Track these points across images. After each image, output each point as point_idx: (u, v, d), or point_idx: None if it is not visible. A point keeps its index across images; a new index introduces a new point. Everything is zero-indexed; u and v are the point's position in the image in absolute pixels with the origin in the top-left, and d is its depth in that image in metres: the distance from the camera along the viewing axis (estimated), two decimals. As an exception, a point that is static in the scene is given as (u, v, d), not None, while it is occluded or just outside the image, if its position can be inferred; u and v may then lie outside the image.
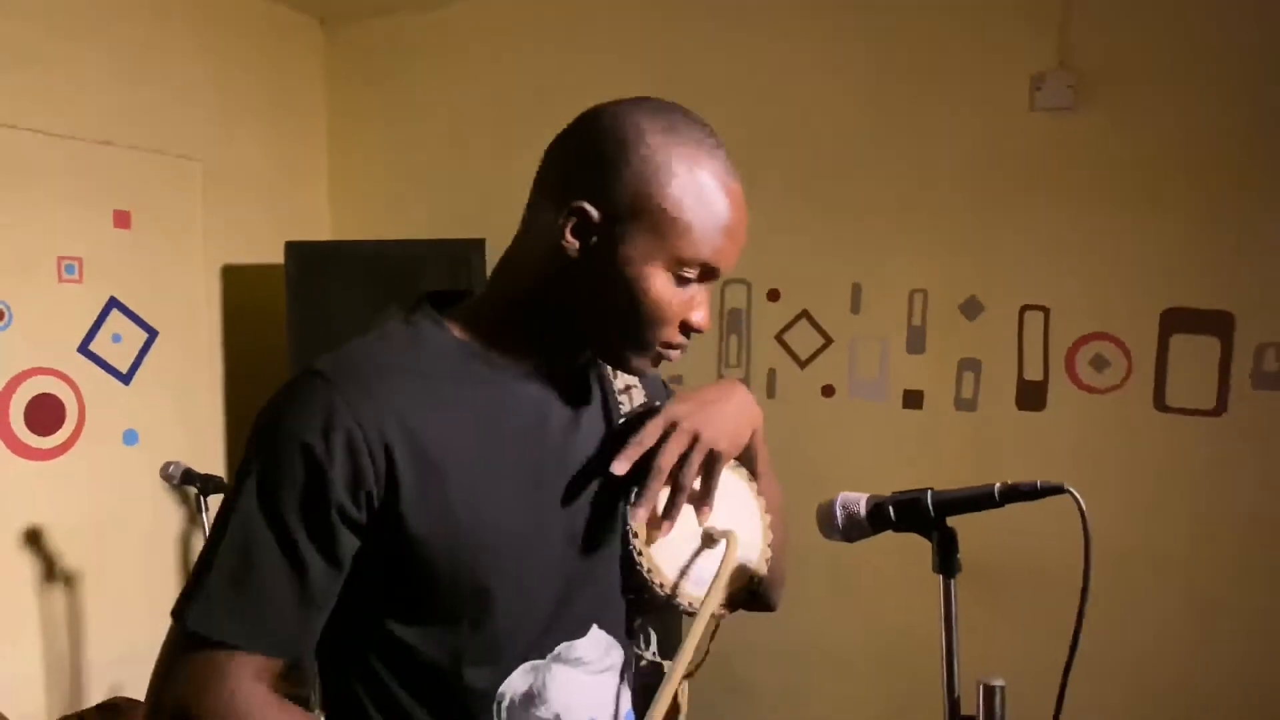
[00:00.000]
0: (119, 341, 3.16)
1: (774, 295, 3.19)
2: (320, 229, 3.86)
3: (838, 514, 1.17)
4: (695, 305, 1.05)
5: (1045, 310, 2.87)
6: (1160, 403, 2.75)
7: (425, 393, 1.01)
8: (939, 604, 1.12)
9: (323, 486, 0.94)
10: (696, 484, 1.11)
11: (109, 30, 3.12)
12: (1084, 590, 1.04)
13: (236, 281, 3.50)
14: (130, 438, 3.20)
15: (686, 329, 1.06)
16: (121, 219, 3.17)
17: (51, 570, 2.97)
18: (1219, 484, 2.70)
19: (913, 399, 3.04)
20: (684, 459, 1.09)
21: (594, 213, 1.00)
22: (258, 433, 0.99)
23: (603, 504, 1.11)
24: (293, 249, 3.23)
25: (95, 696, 3.03)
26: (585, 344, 1.09)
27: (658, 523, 1.10)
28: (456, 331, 1.07)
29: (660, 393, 1.28)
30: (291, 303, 3.22)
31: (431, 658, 1.02)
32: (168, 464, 2.64)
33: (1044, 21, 2.81)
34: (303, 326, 3.21)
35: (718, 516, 1.13)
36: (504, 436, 1.05)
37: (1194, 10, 2.66)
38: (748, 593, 1.15)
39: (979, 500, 1.09)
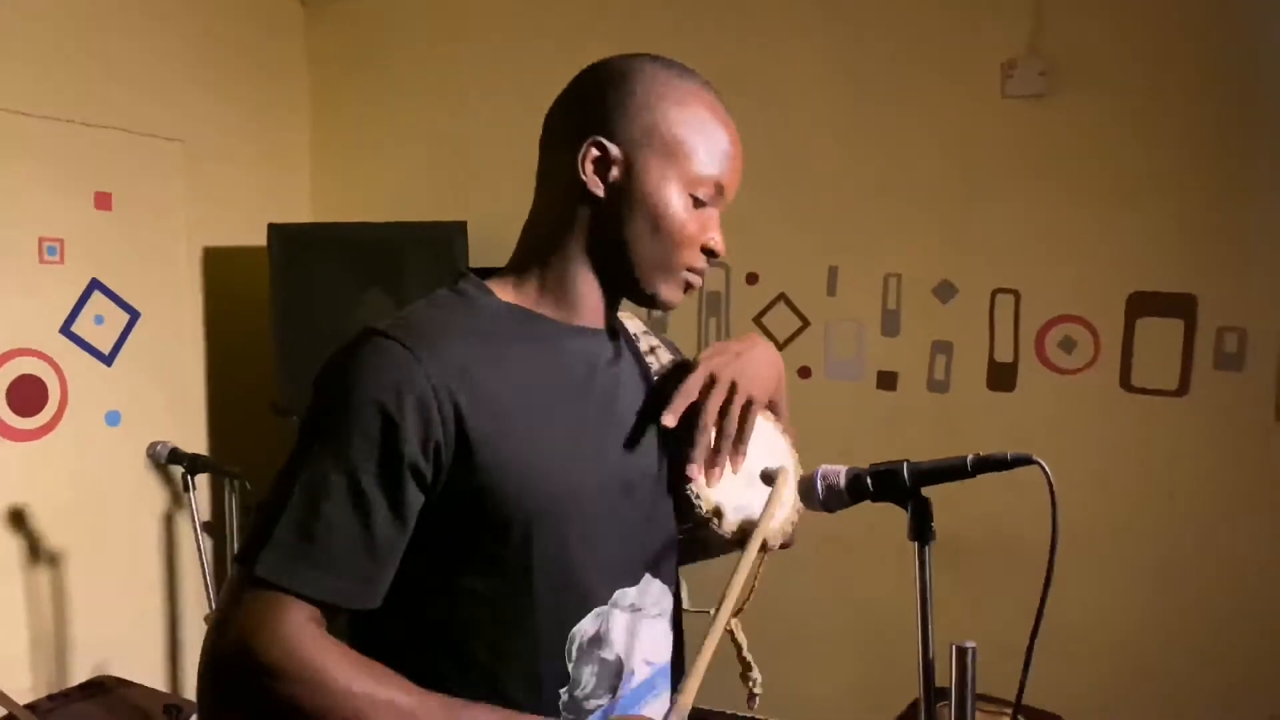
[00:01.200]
0: (101, 323, 3.17)
1: (752, 278, 3.24)
2: (302, 211, 3.87)
3: (818, 485, 1.22)
4: (710, 227, 1.15)
5: (1016, 294, 2.94)
6: (1126, 383, 2.84)
7: (485, 352, 1.06)
8: (914, 570, 1.18)
9: (396, 443, 0.98)
10: None
11: (88, 10, 3.11)
12: (1050, 559, 1.10)
13: (218, 263, 3.52)
14: (113, 419, 3.21)
15: (707, 252, 1.15)
16: (103, 200, 3.17)
17: (36, 550, 2.99)
18: (1181, 461, 2.79)
19: (887, 380, 3.11)
20: (724, 407, 1.18)
21: (611, 147, 1.10)
22: (327, 391, 1.02)
23: (653, 453, 1.18)
24: (276, 231, 3.25)
25: (80, 675, 3.05)
26: (620, 285, 1.16)
27: (710, 467, 1.18)
28: (503, 296, 1.14)
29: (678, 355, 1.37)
30: (275, 285, 3.24)
31: (506, 606, 1.06)
32: (154, 443, 2.66)
33: (1015, 8, 2.87)
34: (286, 309, 3.23)
35: (753, 455, 1.23)
36: (559, 391, 1.11)
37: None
38: (790, 524, 1.24)
39: (952, 471, 1.15)
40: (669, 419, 1.16)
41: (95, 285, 3.15)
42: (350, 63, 3.84)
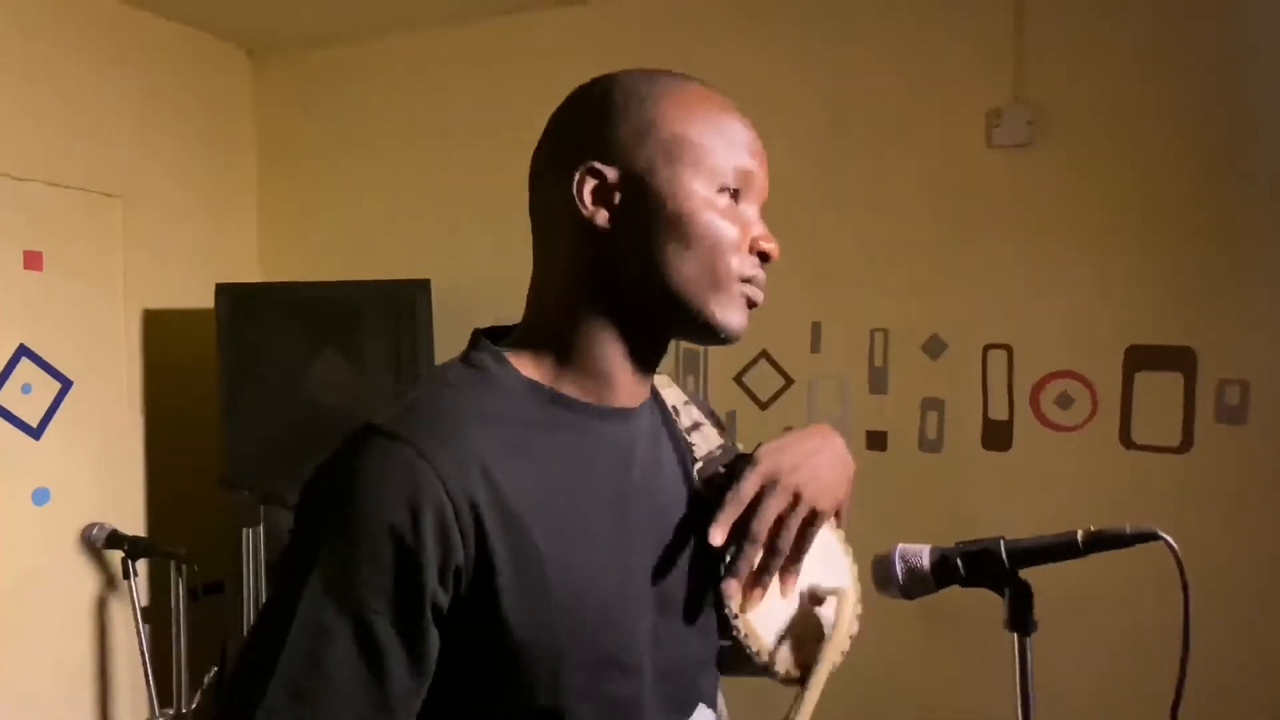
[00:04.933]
0: (29, 392, 2.91)
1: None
2: (251, 270, 3.66)
3: (896, 567, 1.07)
4: (755, 226, 0.95)
5: (1008, 349, 2.84)
6: (1126, 440, 2.73)
7: (508, 444, 0.88)
8: (1014, 662, 1.02)
9: (416, 575, 0.81)
10: None
11: (20, 57, 2.91)
12: (1185, 643, 0.95)
13: (159, 327, 3.28)
14: (41, 496, 2.94)
15: (755, 254, 0.95)
16: (32, 260, 2.94)
17: (-49, 644, 2.70)
18: (1187, 519, 2.67)
19: (876, 440, 2.98)
20: (781, 519, 0.97)
21: (606, 169, 0.91)
22: (323, 507, 0.84)
23: (695, 566, 0.99)
24: (224, 291, 3.04)
25: (0, 783, 2.75)
26: (670, 323, 0.96)
27: (751, 587, 0.98)
28: (523, 369, 0.94)
29: (723, 430, 1.15)
30: (223, 349, 3.02)
31: None
32: (90, 525, 2.42)
33: (999, 56, 2.81)
34: (235, 375, 3.01)
35: (806, 570, 1.02)
36: (592, 491, 0.92)
37: (1151, 44, 2.68)
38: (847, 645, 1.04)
39: (1059, 549, 1.01)
40: (716, 535, 0.95)
41: (23, 351, 2.90)
42: (300, 113, 3.67)
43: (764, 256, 0.95)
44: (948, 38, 2.87)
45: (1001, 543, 1.02)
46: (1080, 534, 0.99)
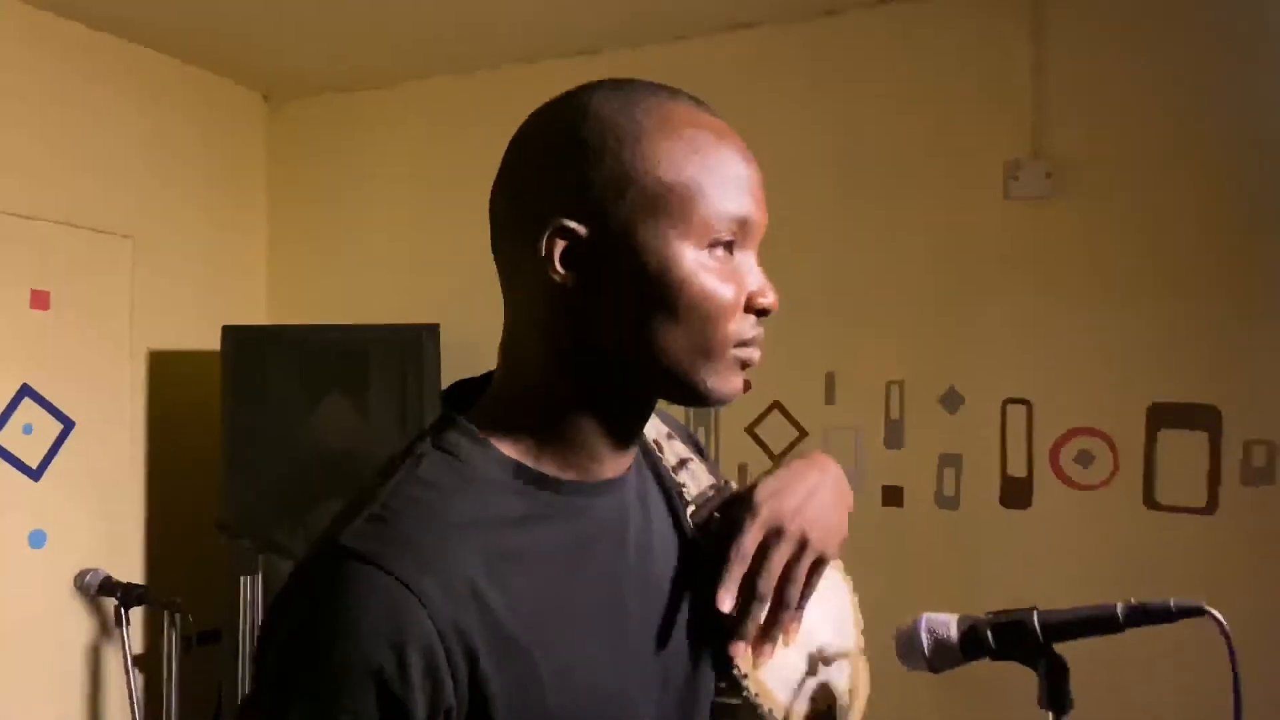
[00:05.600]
0: (30, 433, 2.87)
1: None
2: (258, 312, 3.63)
3: (922, 639, 1.00)
4: (751, 280, 0.82)
5: (1028, 404, 2.77)
6: (1150, 500, 2.66)
7: (495, 553, 0.77)
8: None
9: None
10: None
11: (34, 96, 2.90)
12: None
13: (165, 369, 3.24)
14: (38, 539, 2.88)
15: (753, 312, 0.83)
16: (39, 299, 2.91)
17: (-60, 691, 2.62)
18: (1213, 583, 2.57)
19: (892, 495, 2.90)
20: (786, 568, 0.90)
21: (577, 226, 0.78)
22: (290, 655, 0.73)
23: (692, 628, 0.90)
24: (230, 334, 3.00)
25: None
26: (657, 391, 0.85)
27: (759, 643, 0.90)
28: (502, 447, 0.83)
29: (706, 459, 1.07)
30: (227, 392, 2.97)
31: None
32: (84, 572, 2.36)
33: (1017, 108, 2.78)
34: (238, 418, 2.97)
35: (810, 615, 0.95)
36: (588, 585, 0.83)
37: (1172, 97, 2.65)
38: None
39: (1098, 623, 0.94)
40: (726, 602, 0.87)
41: (26, 391, 2.86)
42: (313, 156, 3.67)
43: (761, 311, 0.83)
44: (966, 89, 2.84)
45: (1035, 614, 0.95)
46: (1121, 607, 0.93)
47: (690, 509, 0.96)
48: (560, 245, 0.78)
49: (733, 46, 3.11)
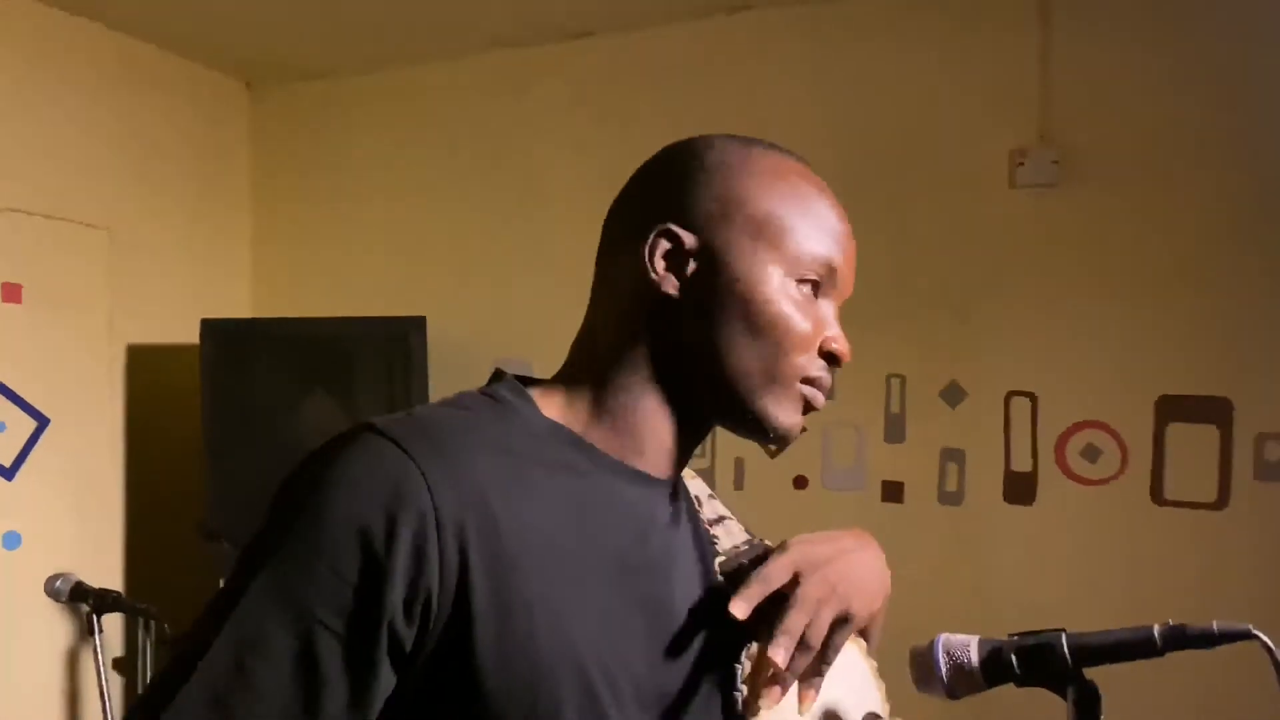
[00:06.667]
0: (2, 430, 2.78)
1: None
2: (240, 306, 3.53)
3: (940, 663, 0.92)
4: (828, 325, 0.87)
5: (1032, 397, 2.70)
6: (1158, 495, 2.59)
7: (514, 475, 0.78)
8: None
9: (380, 592, 0.71)
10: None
11: (7, 84, 2.81)
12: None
13: (144, 363, 3.15)
14: (11, 541, 2.79)
15: (826, 357, 0.87)
16: (11, 292, 2.81)
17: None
18: (1222, 580, 2.53)
19: (892, 491, 2.83)
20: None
21: (684, 235, 0.84)
22: (291, 502, 0.75)
23: (701, 665, 0.86)
24: (209, 327, 2.91)
25: None
26: (716, 408, 0.87)
27: (769, 684, 0.84)
28: (548, 410, 0.86)
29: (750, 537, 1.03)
30: (207, 388, 2.88)
31: None
32: (54, 577, 2.27)
33: (1024, 95, 2.70)
34: (219, 414, 2.88)
35: (826, 688, 0.88)
36: (593, 546, 0.81)
37: (1182, 81, 2.57)
38: None
39: (1133, 648, 0.86)
40: (739, 608, 0.83)
41: (-2, 388, 2.77)
42: (297, 145, 3.58)
43: (833, 359, 0.87)
44: (970, 75, 2.77)
45: (1064, 637, 0.87)
46: (1158, 630, 0.84)
47: (720, 559, 0.94)
48: (663, 247, 0.84)
49: (731, 31, 3.01)
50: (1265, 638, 0.82)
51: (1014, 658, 0.89)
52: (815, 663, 0.85)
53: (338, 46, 3.28)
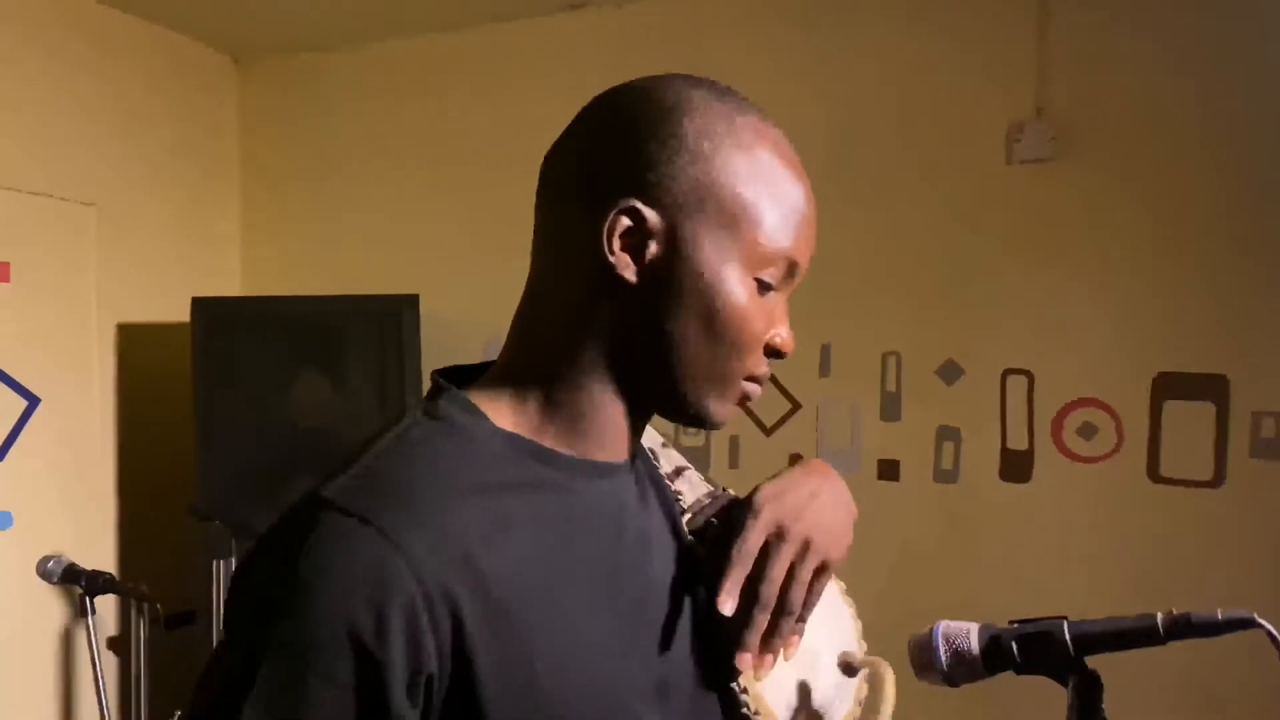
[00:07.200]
0: (-8, 411, 2.76)
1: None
2: (231, 284, 3.50)
3: (939, 650, 0.91)
4: (777, 320, 0.83)
5: (1029, 375, 2.68)
6: (1154, 473, 2.58)
7: (488, 519, 0.73)
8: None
9: (381, 693, 0.66)
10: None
11: (-9, 58, 2.76)
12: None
13: (134, 342, 3.12)
14: (3, 521, 2.77)
15: (769, 352, 0.83)
16: (-1, 271, 2.78)
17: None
18: (1218, 558, 2.53)
19: (888, 469, 2.82)
20: (790, 572, 0.85)
21: (650, 214, 0.77)
22: (261, 612, 0.68)
23: (693, 640, 0.85)
24: (200, 306, 2.88)
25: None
26: (655, 399, 0.83)
27: (761, 653, 0.84)
28: (499, 419, 0.80)
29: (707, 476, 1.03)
30: (198, 367, 2.86)
31: None
32: (45, 559, 2.25)
33: (1021, 68, 2.67)
34: (210, 394, 2.85)
35: (812, 635, 0.88)
36: (581, 563, 0.78)
37: (1182, 55, 2.54)
38: None
39: (1134, 636, 0.85)
40: (727, 605, 0.82)
41: (-14, 367, 2.74)
42: (286, 121, 3.53)
43: (777, 354, 0.83)
44: (965, 47, 2.73)
45: (1065, 625, 0.86)
46: (1161, 618, 0.83)
47: (687, 516, 0.91)
48: (623, 225, 0.77)
49: (725, 3, 2.98)
50: (1269, 626, 0.81)
51: (1014, 646, 0.88)
52: (800, 615, 0.86)
53: (327, 20, 3.23)
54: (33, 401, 2.85)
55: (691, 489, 0.94)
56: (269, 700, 0.65)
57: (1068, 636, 0.86)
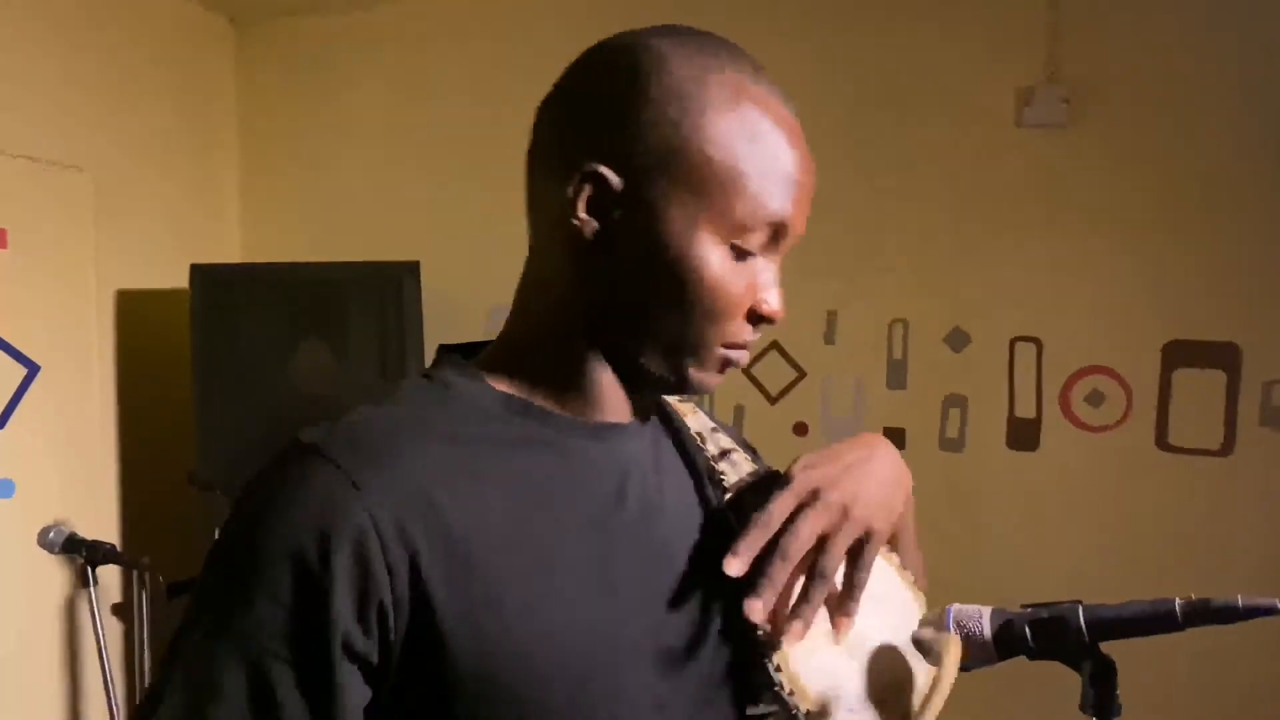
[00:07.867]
0: (-8, 378, 2.73)
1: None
2: (230, 250, 3.47)
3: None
4: (762, 285, 0.79)
5: (1037, 342, 2.66)
6: (1163, 441, 2.56)
7: (458, 464, 0.74)
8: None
9: (323, 610, 0.68)
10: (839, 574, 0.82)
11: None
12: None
13: (133, 309, 3.09)
14: (5, 489, 2.76)
15: (755, 318, 0.80)
16: (-4, 237, 2.75)
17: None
18: (1226, 527, 2.51)
19: (894, 438, 2.74)
20: (824, 540, 0.80)
21: (612, 177, 0.75)
22: (228, 539, 0.73)
23: (706, 608, 0.82)
24: (199, 272, 2.85)
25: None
26: (630, 368, 0.82)
27: (787, 620, 0.79)
28: (495, 383, 0.81)
29: (756, 456, 0.99)
30: (197, 334, 2.83)
31: None
32: (46, 529, 2.24)
33: (1032, 31, 2.61)
34: (209, 362, 2.83)
35: (862, 616, 0.83)
36: (568, 517, 0.77)
37: (1198, 16, 2.48)
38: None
39: (1152, 622, 0.82)
40: (734, 565, 0.77)
41: (-15, 334, 2.72)
42: (285, 84, 3.47)
43: (764, 319, 0.80)
44: (974, 8, 2.67)
45: (1080, 610, 0.84)
46: (1179, 604, 0.81)
47: (729, 496, 0.89)
48: (588, 191, 0.76)
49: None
50: (1291, 613, 0.78)
51: (1028, 630, 0.85)
52: (845, 589, 0.82)
53: (325, -20, 3.18)
54: (32, 369, 2.83)
55: (735, 470, 0.91)
56: (222, 615, 0.69)
57: (1083, 622, 0.84)
